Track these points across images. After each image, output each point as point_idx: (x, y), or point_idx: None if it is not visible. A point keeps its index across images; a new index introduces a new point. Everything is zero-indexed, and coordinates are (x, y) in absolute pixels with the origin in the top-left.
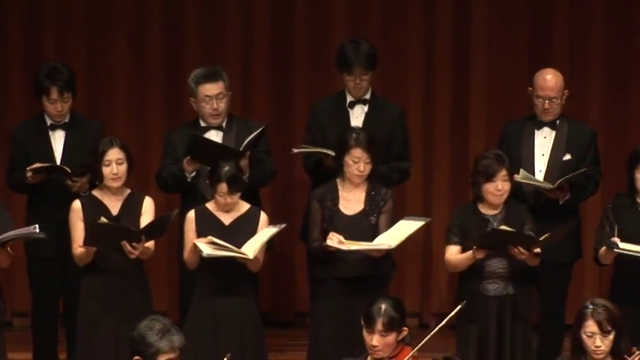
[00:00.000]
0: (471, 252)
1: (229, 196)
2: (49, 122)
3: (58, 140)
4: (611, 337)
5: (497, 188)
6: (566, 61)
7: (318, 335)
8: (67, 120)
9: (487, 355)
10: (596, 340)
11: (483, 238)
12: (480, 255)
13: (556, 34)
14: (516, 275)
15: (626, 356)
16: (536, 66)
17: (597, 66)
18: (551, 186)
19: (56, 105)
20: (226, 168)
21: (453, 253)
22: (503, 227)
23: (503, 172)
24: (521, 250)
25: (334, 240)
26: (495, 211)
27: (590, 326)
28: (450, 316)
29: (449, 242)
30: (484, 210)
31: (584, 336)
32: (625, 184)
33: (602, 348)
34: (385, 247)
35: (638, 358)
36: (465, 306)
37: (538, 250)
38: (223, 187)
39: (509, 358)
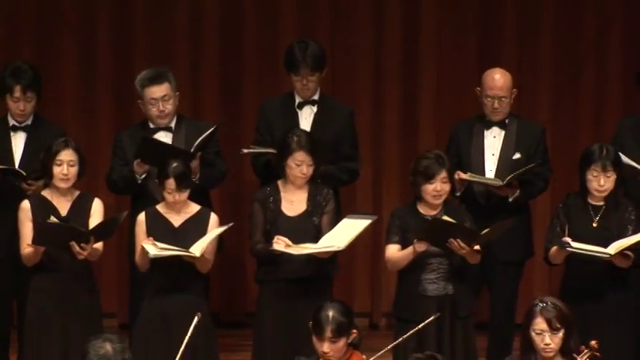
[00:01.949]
0: (411, 247)
1: (177, 192)
2: (11, 123)
3: (18, 142)
4: (561, 334)
5: (436, 189)
6: (516, 61)
7: (262, 336)
8: (29, 122)
9: None
10: (545, 337)
11: (425, 228)
12: (421, 248)
13: (505, 34)
14: (456, 275)
15: (575, 355)
16: (486, 66)
17: (547, 65)
18: (501, 182)
19: (19, 104)
20: (174, 164)
21: (393, 251)
22: (445, 217)
23: (443, 174)
24: (461, 244)
25: (281, 244)
26: (434, 212)
27: (539, 324)
28: (417, 328)
29: (389, 241)
30: (423, 210)
31: (533, 334)
32: (575, 183)
33: (552, 346)
34: (335, 248)
35: (587, 356)
36: (407, 307)
37: (478, 247)
38: (171, 183)
39: (450, 358)
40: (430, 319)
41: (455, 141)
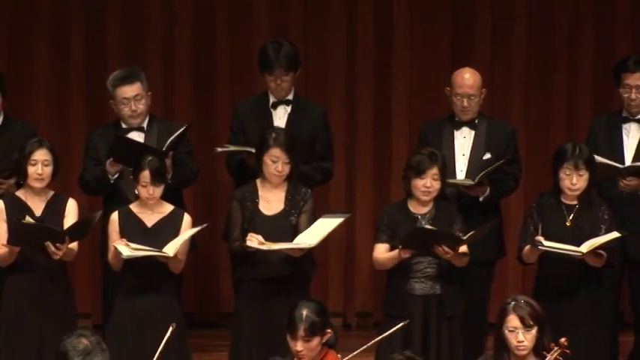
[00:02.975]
0: (396, 251)
1: (152, 186)
2: None
3: None
4: (534, 332)
5: (426, 185)
6: (488, 61)
7: (239, 335)
8: None
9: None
10: (519, 334)
11: (407, 237)
12: (406, 254)
13: (477, 34)
14: (444, 275)
15: (545, 352)
16: (458, 66)
17: (519, 65)
18: (472, 182)
19: None
20: (150, 158)
21: (381, 251)
22: (427, 226)
23: (434, 171)
24: (446, 249)
25: (254, 241)
26: (425, 210)
27: (512, 320)
28: (388, 333)
29: (377, 240)
30: (413, 208)
31: (506, 331)
32: (548, 183)
33: (525, 343)
34: (305, 245)
35: (557, 354)
36: (394, 304)
37: (464, 249)
38: (146, 175)
39: (435, 357)
40: (398, 325)
41: (424, 142)
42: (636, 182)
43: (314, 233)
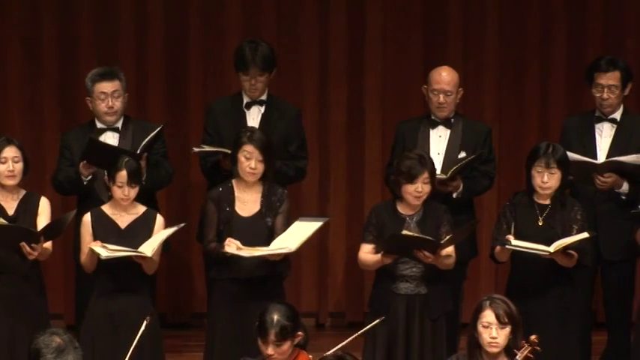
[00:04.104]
0: (379, 256)
1: (128, 187)
2: None
3: None
4: (507, 331)
5: (417, 190)
6: (461, 61)
7: (214, 336)
8: None
9: (395, 355)
10: (492, 330)
11: (386, 243)
12: (388, 260)
13: (450, 34)
14: (430, 276)
15: (515, 350)
16: (431, 66)
17: (492, 65)
18: (445, 176)
19: None
20: (127, 159)
21: (366, 251)
22: (404, 232)
23: (425, 175)
24: (426, 253)
25: (232, 246)
26: (413, 211)
27: (488, 316)
28: (362, 330)
29: (363, 240)
30: (402, 209)
31: (480, 327)
32: (520, 182)
33: (498, 340)
34: (285, 250)
35: (527, 351)
36: (378, 301)
37: (449, 251)
38: (123, 175)
39: (418, 358)
40: (372, 323)
41: (400, 141)
42: (613, 179)
43: (292, 237)
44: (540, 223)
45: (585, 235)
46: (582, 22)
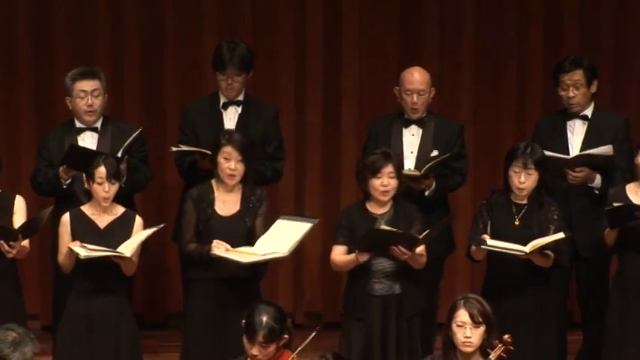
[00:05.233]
0: (354, 255)
1: (108, 182)
2: None
3: None
4: (481, 330)
5: (383, 184)
6: (437, 61)
7: (191, 336)
8: None
9: (372, 355)
10: (467, 330)
11: (363, 239)
12: (364, 258)
13: (426, 34)
14: (404, 274)
15: (488, 350)
16: (407, 66)
17: (468, 65)
18: (419, 173)
19: None
20: (104, 156)
21: (338, 253)
22: (383, 227)
23: (390, 169)
24: (403, 250)
25: (221, 248)
26: (384, 210)
27: (462, 315)
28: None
29: (335, 242)
30: (372, 209)
31: (454, 326)
32: (497, 181)
33: (472, 340)
34: (279, 255)
35: (501, 350)
36: (354, 304)
37: (421, 250)
38: (102, 171)
39: (394, 357)
40: (313, 334)
41: (373, 139)
42: (585, 173)
43: (279, 238)
44: (517, 223)
45: (561, 235)
46: (559, 23)
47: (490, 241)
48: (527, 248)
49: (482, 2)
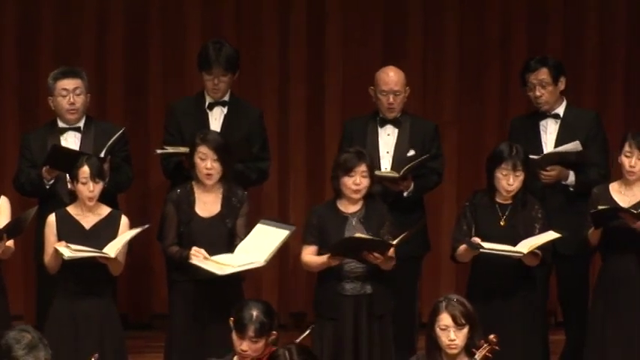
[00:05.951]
0: (325, 257)
1: (92, 182)
2: None
3: None
4: (465, 331)
5: (355, 182)
6: (421, 61)
7: (174, 337)
8: None
9: (343, 354)
10: (450, 333)
11: (337, 245)
12: (335, 262)
13: (410, 34)
14: (374, 275)
15: (474, 350)
16: (391, 65)
17: (452, 65)
18: (397, 175)
19: None
20: (87, 156)
21: (309, 253)
22: (358, 235)
23: (363, 168)
24: (376, 255)
25: (199, 256)
26: (355, 209)
27: (444, 319)
28: (300, 338)
29: (305, 242)
30: (343, 207)
31: (438, 330)
32: (479, 181)
33: (457, 342)
34: (256, 265)
35: (486, 350)
36: (325, 304)
37: (391, 252)
38: (85, 170)
39: (366, 357)
40: (306, 332)
41: (348, 139)
42: (556, 172)
43: (257, 245)
44: (502, 223)
45: (555, 235)
46: (542, 22)
47: (486, 244)
48: (525, 249)
49: (465, 2)
